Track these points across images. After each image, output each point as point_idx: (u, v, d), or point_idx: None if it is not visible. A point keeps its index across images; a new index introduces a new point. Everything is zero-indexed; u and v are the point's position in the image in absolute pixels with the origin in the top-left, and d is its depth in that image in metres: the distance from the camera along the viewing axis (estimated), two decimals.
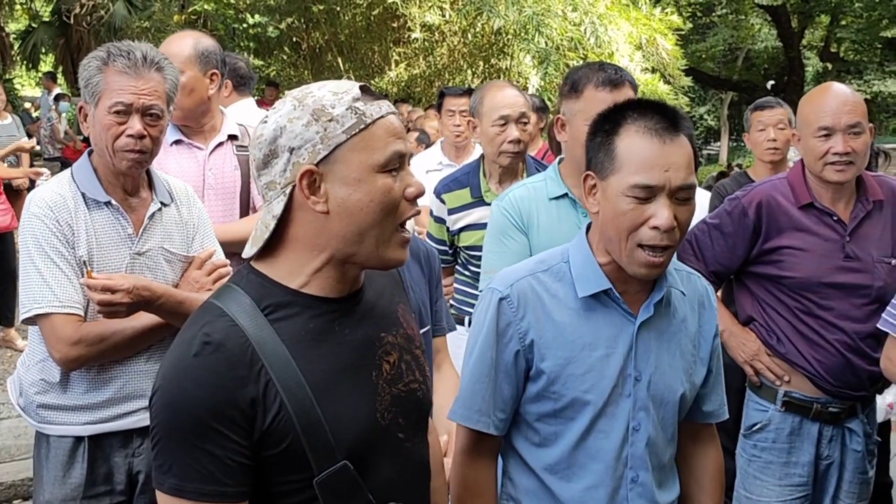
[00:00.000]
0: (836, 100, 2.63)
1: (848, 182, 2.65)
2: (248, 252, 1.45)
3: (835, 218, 2.67)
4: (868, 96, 23.11)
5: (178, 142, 2.95)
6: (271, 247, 1.43)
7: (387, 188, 1.38)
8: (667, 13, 11.35)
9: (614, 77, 2.45)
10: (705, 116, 35.07)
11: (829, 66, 24.62)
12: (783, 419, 2.75)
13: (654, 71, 10.59)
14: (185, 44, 2.96)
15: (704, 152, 34.44)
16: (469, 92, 4.84)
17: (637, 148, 1.68)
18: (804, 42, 23.69)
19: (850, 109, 2.60)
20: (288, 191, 1.38)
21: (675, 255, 1.79)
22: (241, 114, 3.87)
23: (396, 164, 1.39)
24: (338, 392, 1.39)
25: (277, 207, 1.38)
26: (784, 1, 20.35)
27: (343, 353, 1.42)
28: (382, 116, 1.39)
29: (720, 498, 2.02)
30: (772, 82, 24.49)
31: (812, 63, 27.07)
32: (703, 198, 5.80)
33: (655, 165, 1.66)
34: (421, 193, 1.44)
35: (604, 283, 1.78)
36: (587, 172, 1.78)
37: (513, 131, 3.19)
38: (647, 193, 1.66)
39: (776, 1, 20.34)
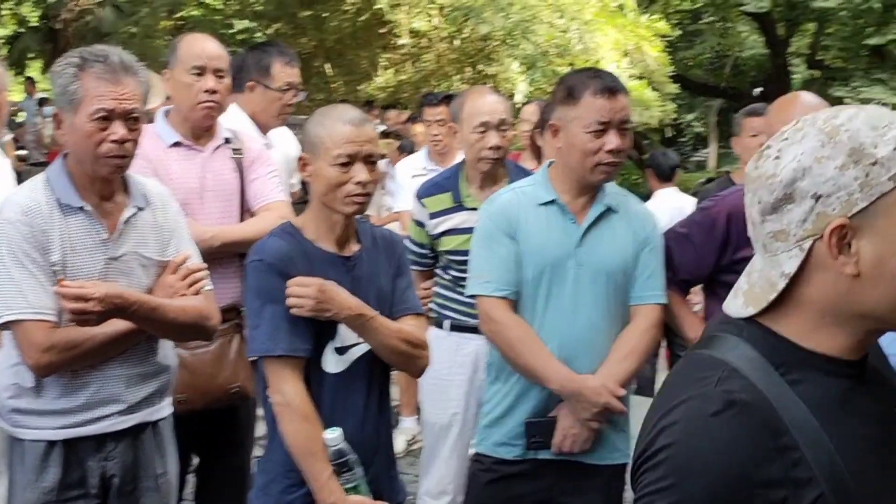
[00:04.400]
0: (800, 110, 2.61)
1: None
2: (739, 311, 1.21)
3: None
4: (857, 104, 23.13)
5: (177, 144, 2.93)
6: (772, 303, 1.19)
7: None
8: (653, 20, 11.41)
9: (611, 84, 2.47)
10: (693, 123, 35.16)
11: (817, 73, 24.75)
12: None
13: (640, 77, 10.64)
14: (217, 45, 2.99)
15: (693, 159, 34.51)
16: (447, 99, 4.89)
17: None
18: (791, 49, 23.80)
19: None
20: (806, 245, 1.13)
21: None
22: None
23: None
24: (870, 475, 1.14)
25: (790, 265, 1.14)
26: (771, 9, 20.46)
27: (867, 426, 1.17)
28: None
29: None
30: (759, 89, 24.58)
31: (799, 70, 27.22)
32: (689, 204, 5.83)
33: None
34: None
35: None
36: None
37: (492, 138, 3.21)
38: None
39: (763, 9, 20.45)
